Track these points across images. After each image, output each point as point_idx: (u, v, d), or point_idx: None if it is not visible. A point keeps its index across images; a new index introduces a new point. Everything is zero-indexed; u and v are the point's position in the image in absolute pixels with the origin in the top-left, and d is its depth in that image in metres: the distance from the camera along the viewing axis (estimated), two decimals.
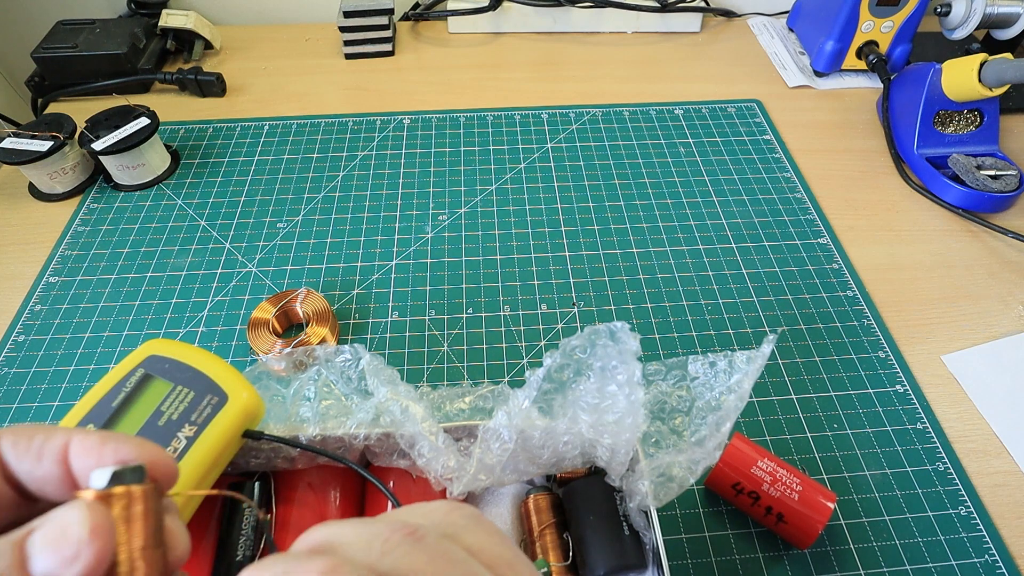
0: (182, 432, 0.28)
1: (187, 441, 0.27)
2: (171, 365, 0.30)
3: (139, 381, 0.29)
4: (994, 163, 0.58)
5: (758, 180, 0.61)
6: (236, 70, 0.74)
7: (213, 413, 0.28)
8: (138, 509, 0.16)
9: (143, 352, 0.30)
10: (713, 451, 0.32)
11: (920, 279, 0.53)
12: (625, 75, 0.74)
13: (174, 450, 0.27)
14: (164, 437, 0.27)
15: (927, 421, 0.44)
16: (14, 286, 0.52)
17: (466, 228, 0.56)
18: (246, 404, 0.29)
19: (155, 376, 0.29)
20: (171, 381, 0.29)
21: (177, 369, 0.29)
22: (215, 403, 0.29)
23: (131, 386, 0.29)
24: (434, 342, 0.48)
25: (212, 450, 0.28)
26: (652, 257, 0.54)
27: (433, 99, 0.71)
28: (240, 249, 0.55)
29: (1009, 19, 0.67)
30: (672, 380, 0.39)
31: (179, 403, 0.28)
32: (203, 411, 0.28)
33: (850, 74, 0.74)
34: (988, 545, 0.38)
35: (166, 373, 0.29)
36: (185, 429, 0.28)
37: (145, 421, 0.28)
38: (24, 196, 0.60)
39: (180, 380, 0.29)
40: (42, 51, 0.67)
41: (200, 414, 0.28)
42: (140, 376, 0.29)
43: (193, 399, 0.29)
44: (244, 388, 0.29)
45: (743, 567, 0.37)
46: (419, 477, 0.35)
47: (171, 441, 0.27)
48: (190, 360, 0.30)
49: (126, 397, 0.29)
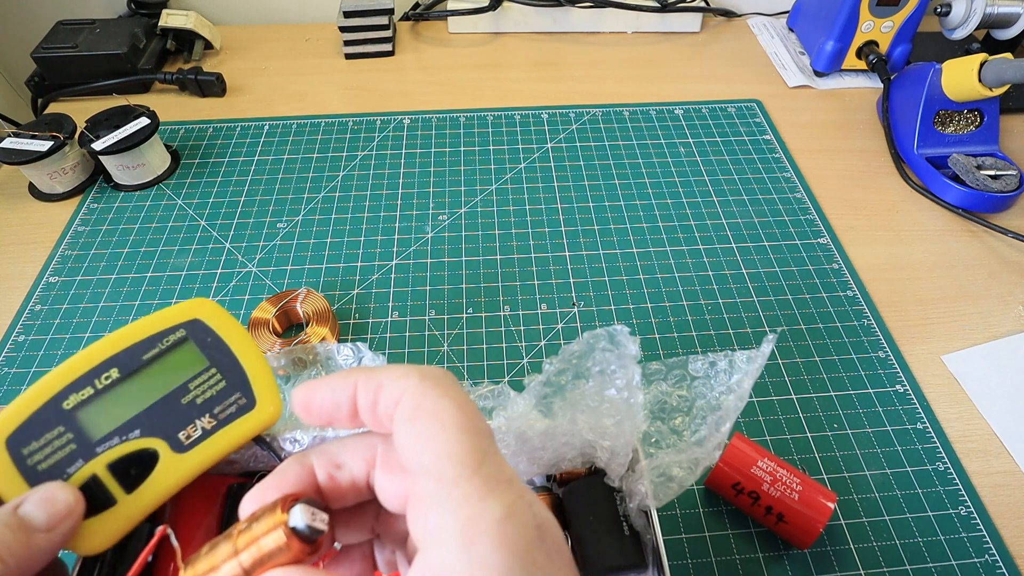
0: (201, 421, 0.26)
1: (203, 433, 0.26)
2: (213, 341, 0.27)
3: (177, 342, 0.26)
4: (994, 163, 0.58)
5: (758, 180, 0.61)
6: (236, 70, 0.74)
7: (236, 415, 0.26)
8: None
9: (189, 310, 0.27)
10: (713, 451, 0.32)
11: (920, 279, 0.53)
12: (625, 75, 0.74)
13: (187, 436, 0.25)
14: (183, 418, 0.25)
15: (927, 421, 0.43)
16: (14, 286, 0.52)
17: (466, 228, 0.56)
18: (271, 417, 0.27)
19: (194, 345, 0.27)
20: (208, 359, 0.27)
21: (217, 348, 0.27)
22: (242, 405, 0.26)
23: (167, 344, 0.26)
24: (434, 342, 0.48)
25: (220, 452, 0.26)
26: (652, 257, 0.54)
27: (433, 99, 0.71)
28: (240, 249, 0.55)
29: (1009, 19, 0.67)
30: (672, 380, 0.39)
31: (208, 388, 0.26)
32: (227, 407, 0.26)
33: (850, 74, 0.74)
34: (988, 545, 0.38)
35: (206, 347, 0.27)
36: (205, 419, 0.26)
37: (171, 391, 0.26)
38: (24, 196, 0.60)
39: (217, 362, 0.27)
40: (42, 51, 0.67)
41: (224, 409, 0.26)
42: (180, 337, 0.26)
43: (222, 390, 0.26)
44: (273, 399, 0.27)
45: (743, 567, 0.37)
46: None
47: (187, 426, 0.25)
48: (232, 343, 0.27)
49: (158, 354, 0.26)
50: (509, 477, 0.18)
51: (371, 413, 0.19)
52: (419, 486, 0.17)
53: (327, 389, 0.20)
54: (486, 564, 0.15)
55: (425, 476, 0.17)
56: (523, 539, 0.16)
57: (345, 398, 0.19)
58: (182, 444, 0.25)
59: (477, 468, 0.17)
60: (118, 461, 0.24)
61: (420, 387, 0.18)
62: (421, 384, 0.18)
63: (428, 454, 0.17)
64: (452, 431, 0.17)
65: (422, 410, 0.18)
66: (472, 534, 0.16)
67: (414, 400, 0.18)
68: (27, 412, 0.24)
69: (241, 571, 0.18)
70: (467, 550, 0.16)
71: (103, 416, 0.24)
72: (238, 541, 0.18)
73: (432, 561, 0.16)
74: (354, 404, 0.19)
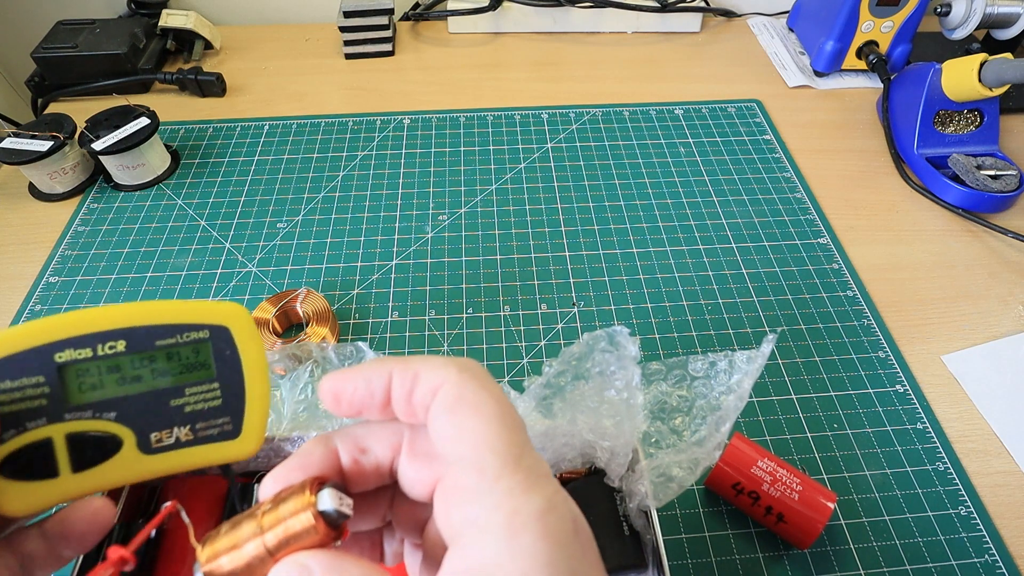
0: (179, 430, 0.23)
1: (175, 443, 0.23)
2: (231, 355, 0.24)
3: (196, 341, 0.24)
4: (994, 163, 0.58)
5: (758, 180, 0.61)
6: (236, 70, 0.74)
7: (216, 438, 0.24)
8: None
9: (223, 315, 0.24)
10: (713, 451, 0.32)
11: (920, 279, 0.53)
12: (625, 75, 0.74)
13: (158, 440, 0.23)
14: (162, 419, 0.23)
15: (927, 421, 0.43)
16: (14, 286, 0.52)
17: (466, 228, 0.56)
18: (247, 453, 0.24)
19: (211, 352, 0.24)
20: (216, 372, 0.24)
21: (231, 365, 0.24)
22: (226, 431, 0.24)
23: (186, 339, 0.24)
24: (434, 342, 0.48)
25: (180, 467, 0.24)
26: (652, 257, 0.54)
27: (433, 99, 0.71)
28: (240, 249, 0.55)
29: (1009, 19, 0.67)
30: (672, 380, 0.39)
31: (203, 401, 0.24)
32: (210, 428, 0.24)
33: (850, 74, 0.74)
34: (988, 545, 0.38)
35: (220, 359, 0.24)
36: (184, 430, 0.23)
37: (166, 387, 0.23)
38: (24, 196, 0.60)
39: (223, 378, 0.24)
40: (42, 51, 0.67)
41: (207, 428, 0.24)
42: (201, 337, 0.24)
43: (214, 409, 0.24)
44: (257, 437, 0.25)
45: (743, 567, 0.37)
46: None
47: (163, 429, 0.23)
48: (247, 366, 0.25)
49: (173, 345, 0.23)
50: (546, 471, 0.18)
51: (405, 403, 0.19)
52: (457, 476, 0.18)
53: (361, 377, 0.19)
54: (531, 555, 0.16)
55: (465, 467, 0.17)
56: (563, 532, 0.17)
57: (380, 386, 0.19)
58: (150, 445, 0.23)
59: (518, 461, 0.17)
60: (80, 436, 0.22)
61: (460, 378, 0.18)
62: (460, 375, 0.18)
63: (468, 445, 0.18)
64: (493, 423, 0.18)
65: (463, 401, 0.18)
66: (516, 526, 0.16)
67: (454, 390, 0.18)
68: (17, 347, 0.21)
69: (265, 551, 0.18)
70: (511, 542, 0.16)
71: (88, 383, 0.22)
72: (263, 521, 0.18)
73: (474, 552, 0.16)
74: (387, 393, 0.19)
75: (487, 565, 0.16)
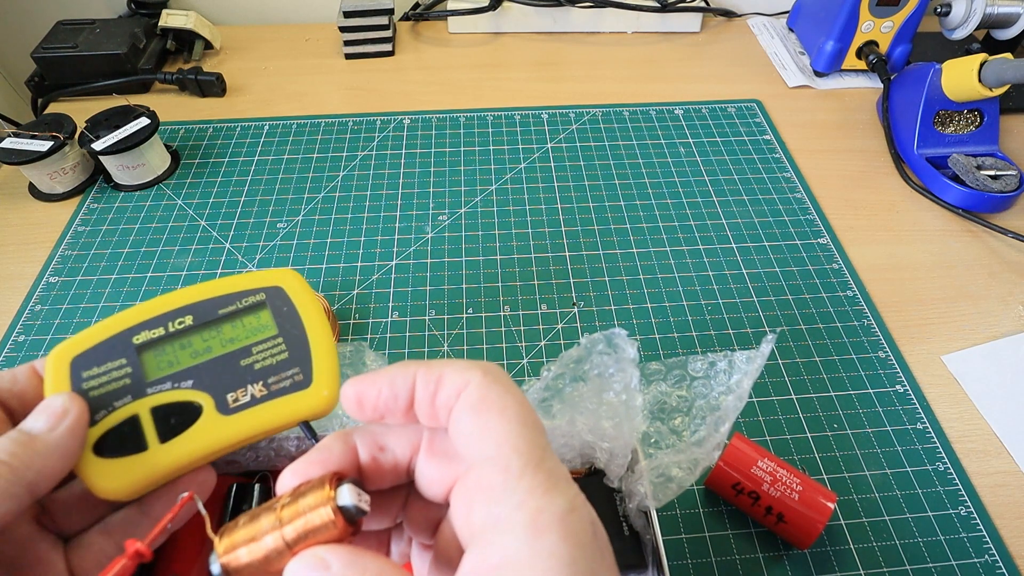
0: (252, 387, 0.25)
1: (251, 400, 0.25)
2: (288, 311, 0.27)
3: (255, 305, 0.26)
4: (994, 163, 0.58)
5: (758, 180, 0.61)
6: (236, 70, 0.74)
7: (289, 389, 0.25)
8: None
9: (275, 278, 0.27)
10: (712, 451, 0.32)
11: (920, 279, 0.53)
12: (625, 75, 0.74)
13: (235, 399, 0.25)
14: (235, 379, 0.25)
15: (927, 421, 0.43)
16: (14, 286, 0.52)
17: (466, 228, 0.56)
18: (323, 401, 0.26)
19: (269, 311, 0.26)
20: (278, 328, 0.26)
21: (290, 319, 0.26)
22: (297, 381, 0.25)
23: (245, 304, 0.26)
24: (434, 342, 0.48)
25: (262, 426, 0.25)
26: (652, 257, 0.54)
27: (433, 99, 0.71)
28: (240, 249, 0.55)
29: (1009, 19, 0.67)
30: (672, 380, 0.39)
31: (270, 357, 0.26)
32: (282, 381, 0.25)
33: (850, 74, 0.74)
34: (988, 545, 0.38)
35: (280, 316, 0.26)
36: (257, 387, 0.25)
37: (234, 351, 0.25)
38: (24, 196, 0.60)
39: (285, 332, 0.26)
40: (42, 51, 0.67)
41: (279, 382, 0.25)
42: (258, 300, 0.26)
43: (283, 362, 0.26)
44: (329, 384, 0.26)
45: (743, 567, 0.37)
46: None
47: (238, 389, 0.25)
48: (306, 318, 0.27)
49: (234, 312, 0.26)
50: (565, 474, 0.18)
51: (429, 405, 0.19)
52: (479, 475, 0.18)
53: (385, 380, 0.20)
54: (553, 556, 0.16)
55: (488, 466, 0.18)
56: (584, 533, 0.17)
57: (404, 389, 0.19)
58: (228, 406, 0.25)
59: (540, 462, 0.18)
60: (163, 407, 0.24)
61: (484, 380, 0.19)
62: (485, 377, 0.19)
63: (492, 444, 0.18)
64: (516, 424, 0.18)
65: (487, 402, 0.18)
66: (539, 526, 0.16)
67: (479, 391, 0.18)
68: (100, 338, 0.24)
69: (283, 544, 0.18)
70: (534, 541, 0.16)
71: (165, 359, 0.25)
72: (282, 514, 0.18)
73: (495, 551, 0.16)
74: (411, 395, 0.19)
75: (509, 564, 0.16)
